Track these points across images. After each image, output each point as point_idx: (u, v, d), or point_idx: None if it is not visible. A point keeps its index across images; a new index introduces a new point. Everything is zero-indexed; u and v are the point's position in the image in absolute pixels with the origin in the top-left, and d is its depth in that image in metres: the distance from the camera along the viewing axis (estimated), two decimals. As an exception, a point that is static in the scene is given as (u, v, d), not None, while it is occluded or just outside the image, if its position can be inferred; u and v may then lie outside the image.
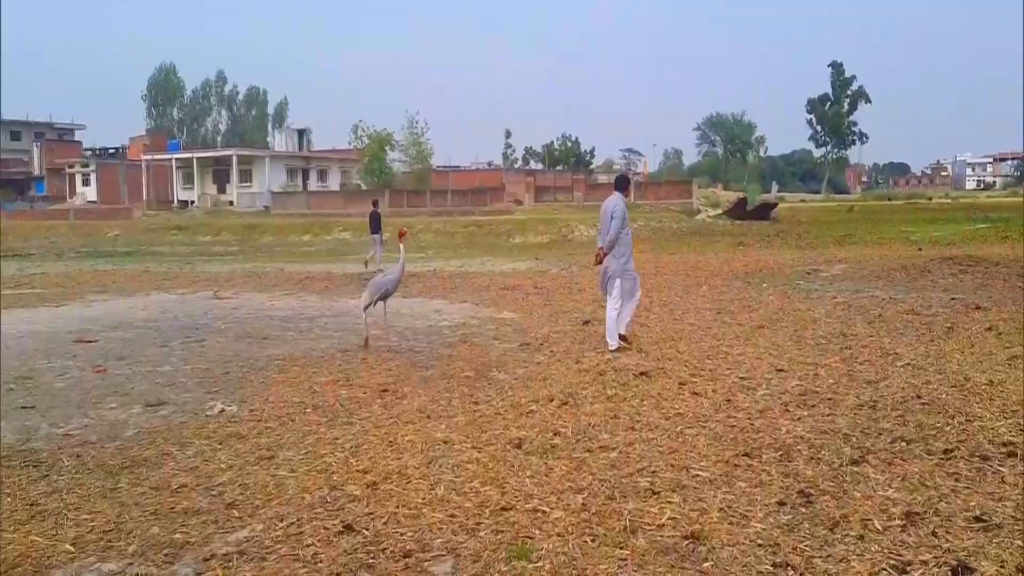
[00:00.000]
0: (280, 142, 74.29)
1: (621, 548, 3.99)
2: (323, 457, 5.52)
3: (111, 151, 78.91)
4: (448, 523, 4.34)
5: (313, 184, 67.38)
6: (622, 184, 9.51)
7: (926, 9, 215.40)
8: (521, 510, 4.48)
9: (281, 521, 4.45)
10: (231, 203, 60.69)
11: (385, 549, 4.06)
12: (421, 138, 58.93)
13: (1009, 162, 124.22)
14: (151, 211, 57.87)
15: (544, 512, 4.45)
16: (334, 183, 69.18)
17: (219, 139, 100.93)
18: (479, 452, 5.50)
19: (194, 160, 65.14)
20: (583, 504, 4.54)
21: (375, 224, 22.43)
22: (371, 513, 4.50)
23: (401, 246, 10.51)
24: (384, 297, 9.98)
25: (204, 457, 5.64)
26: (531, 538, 4.13)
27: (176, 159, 66.37)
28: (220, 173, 65.57)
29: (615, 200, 8.97)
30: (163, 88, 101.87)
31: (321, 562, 3.96)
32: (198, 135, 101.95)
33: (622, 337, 9.00)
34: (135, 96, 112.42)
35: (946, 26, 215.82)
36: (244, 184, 63.58)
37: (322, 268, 22.34)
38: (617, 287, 8.88)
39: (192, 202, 62.81)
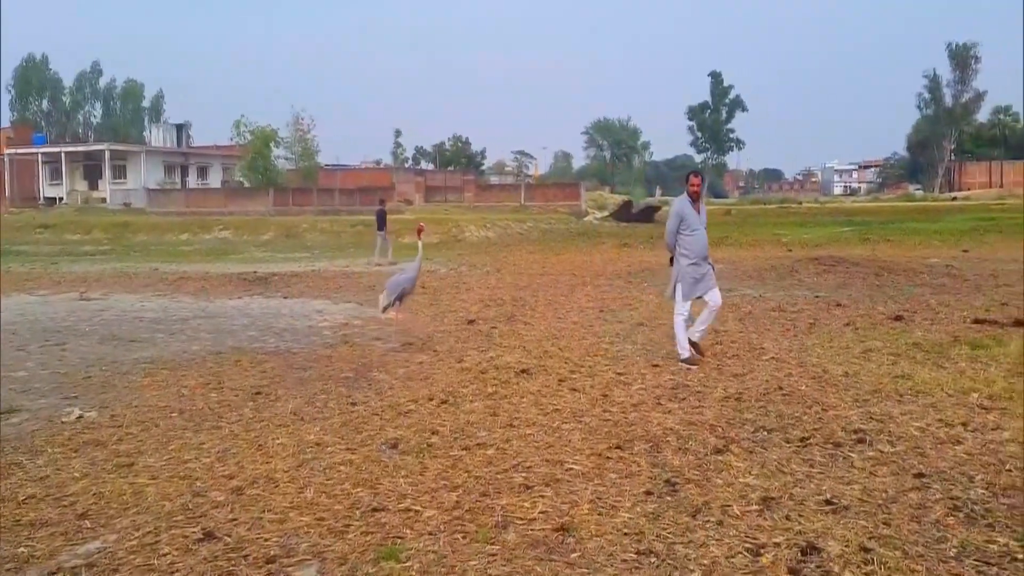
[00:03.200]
0: (157, 137, 71.01)
1: (492, 544, 4.00)
2: (187, 463, 5.29)
3: (-32, 144, 73.40)
4: (315, 526, 4.23)
5: (193, 181, 64.85)
6: (685, 181, 8.36)
7: (798, 24, 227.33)
8: (393, 510, 4.43)
9: (137, 530, 4.23)
10: (104, 200, 57.57)
11: (247, 555, 3.92)
12: (307, 135, 57.59)
13: (873, 169, 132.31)
14: (14, 208, 54.05)
15: (416, 511, 4.41)
16: (215, 180, 66.74)
17: (91, 133, 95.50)
18: (353, 454, 5.40)
19: (62, 155, 61.52)
20: (456, 502, 4.53)
21: (381, 221, 23.50)
22: (234, 519, 4.34)
23: (419, 243, 10.36)
24: (402, 297, 9.78)
25: (56, 466, 5.30)
26: (401, 538, 4.08)
27: (42, 153, 62.49)
28: (92, 169, 62.22)
29: (676, 199, 8.61)
30: (29, 79, 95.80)
31: (178, 571, 3.78)
32: (69, 129, 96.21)
33: (693, 345, 8.18)
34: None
35: (816, 40, 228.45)
36: (118, 180, 60.55)
37: (199, 268, 21.46)
38: (679, 291, 8.27)
39: (60, 199, 59.23)
